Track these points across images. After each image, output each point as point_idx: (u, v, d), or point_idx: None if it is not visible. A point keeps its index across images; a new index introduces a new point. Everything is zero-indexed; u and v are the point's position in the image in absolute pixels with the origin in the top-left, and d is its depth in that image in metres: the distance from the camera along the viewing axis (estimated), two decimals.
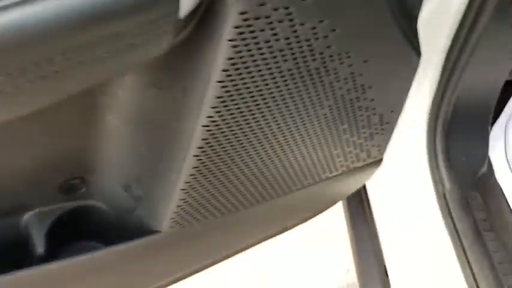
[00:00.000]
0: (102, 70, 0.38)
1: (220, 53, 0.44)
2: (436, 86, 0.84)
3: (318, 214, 0.90)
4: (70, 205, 0.63)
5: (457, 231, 0.83)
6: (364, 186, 1.05)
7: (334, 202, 0.87)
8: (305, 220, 0.88)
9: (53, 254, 0.63)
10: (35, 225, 0.60)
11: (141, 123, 0.53)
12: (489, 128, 0.95)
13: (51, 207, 0.62)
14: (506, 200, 0.93)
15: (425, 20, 0.77)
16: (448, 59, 0.79)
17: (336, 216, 1.10)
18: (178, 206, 0.57)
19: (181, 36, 0.45)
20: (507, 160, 1.01)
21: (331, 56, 0.51)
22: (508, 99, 0.99)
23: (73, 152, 0.57)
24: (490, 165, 0.97)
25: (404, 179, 0.94)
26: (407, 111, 0.92)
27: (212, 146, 0.51)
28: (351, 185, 0.81)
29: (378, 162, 0.76)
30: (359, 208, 1.05)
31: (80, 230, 0.67)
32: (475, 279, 0.76)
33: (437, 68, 0.81)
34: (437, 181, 0.88)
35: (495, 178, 0.95)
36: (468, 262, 0.78)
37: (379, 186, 1.00)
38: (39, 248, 0.60)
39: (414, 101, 0.89)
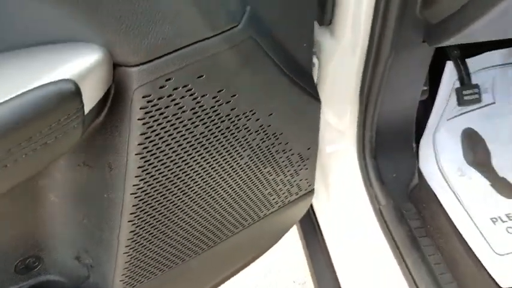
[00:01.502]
0: (22, 169, 0.44)
1: (133, 131, 0.50)
2: (356, 118, 0.93)
3: (273, 245, 0.96)
4: (27, 284, 0.67)
5: (394, 241, 0.91)
6: (314, 213, 1.13)
7: (283, 232, 0.94)
8: (263, 252, 0.95)
9: None
10: None
11: (79, 198, 0.59)
12: (413, 144, 1.05)
13: None
14: (440, 205, 1.01)
15: (335, 63, 0.87)
16: (361, 94, 0.89)
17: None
18: (125, 269, 0.62)
19: (99, 120, 0.51)
20: (439, 168, 1.10)
21: (237, 116, 0.59)
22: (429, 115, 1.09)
23: (24, 233, 0.62)
24: (420, 176, 1.06)
25: (346, 201, 1.02)
26: (339, 142, 1.01)
27: (143, 210, 0.57)
28: (293, 215, 0.88)
29: (311, 192, 0.83)
30: (311, 231, 1.13)
31: None
32: (414, 282, 0.83)
33: (354, 102, 0.91)
34: (373, 199, 0.96)
35: (427, 187, 1.04)
36: (407, 267, 0.85)
37: (326, 210, 1.08)
38: None
39: (342, 133, 0.99)
